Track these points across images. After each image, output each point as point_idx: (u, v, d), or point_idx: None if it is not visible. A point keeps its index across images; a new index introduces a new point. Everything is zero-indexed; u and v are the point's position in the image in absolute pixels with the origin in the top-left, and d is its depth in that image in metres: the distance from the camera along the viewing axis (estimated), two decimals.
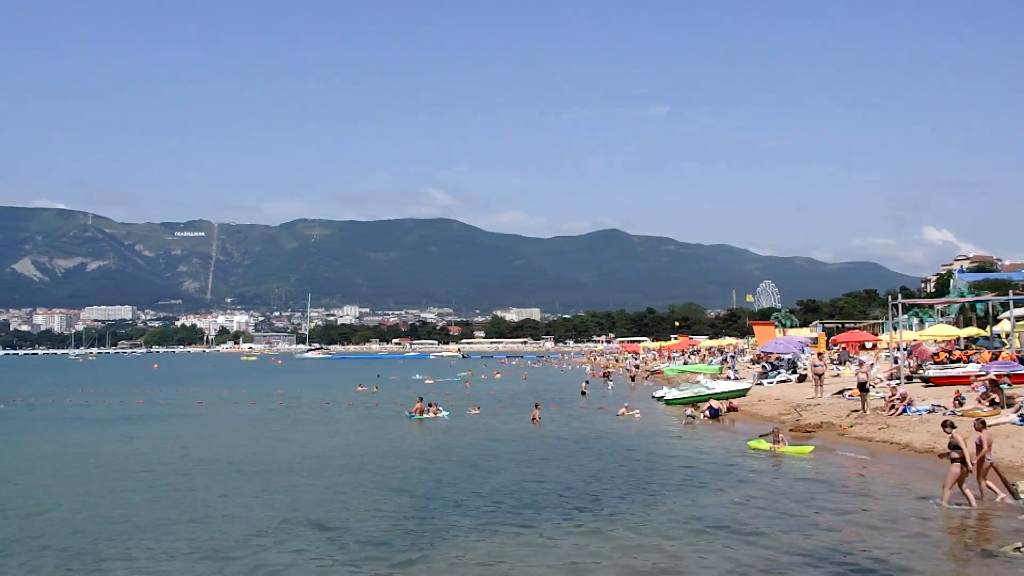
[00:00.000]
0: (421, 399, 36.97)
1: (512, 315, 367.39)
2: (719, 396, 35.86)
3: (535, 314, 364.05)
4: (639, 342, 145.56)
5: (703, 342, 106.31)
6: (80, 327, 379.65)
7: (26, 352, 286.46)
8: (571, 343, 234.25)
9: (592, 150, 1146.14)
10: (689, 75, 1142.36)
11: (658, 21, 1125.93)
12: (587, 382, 54.40)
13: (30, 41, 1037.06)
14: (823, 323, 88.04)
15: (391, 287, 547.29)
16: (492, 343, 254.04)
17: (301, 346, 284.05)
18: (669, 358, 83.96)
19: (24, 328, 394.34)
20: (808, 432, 26.23)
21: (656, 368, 71.60)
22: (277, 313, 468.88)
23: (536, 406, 34.40)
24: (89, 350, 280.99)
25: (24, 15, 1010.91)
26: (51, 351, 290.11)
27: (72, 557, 12.93)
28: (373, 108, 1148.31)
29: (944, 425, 15.60)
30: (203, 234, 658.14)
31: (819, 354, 48.51)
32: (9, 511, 16.50)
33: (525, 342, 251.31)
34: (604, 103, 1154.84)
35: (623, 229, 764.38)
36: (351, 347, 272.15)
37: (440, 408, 35.83)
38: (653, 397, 42.48)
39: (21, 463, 23.40)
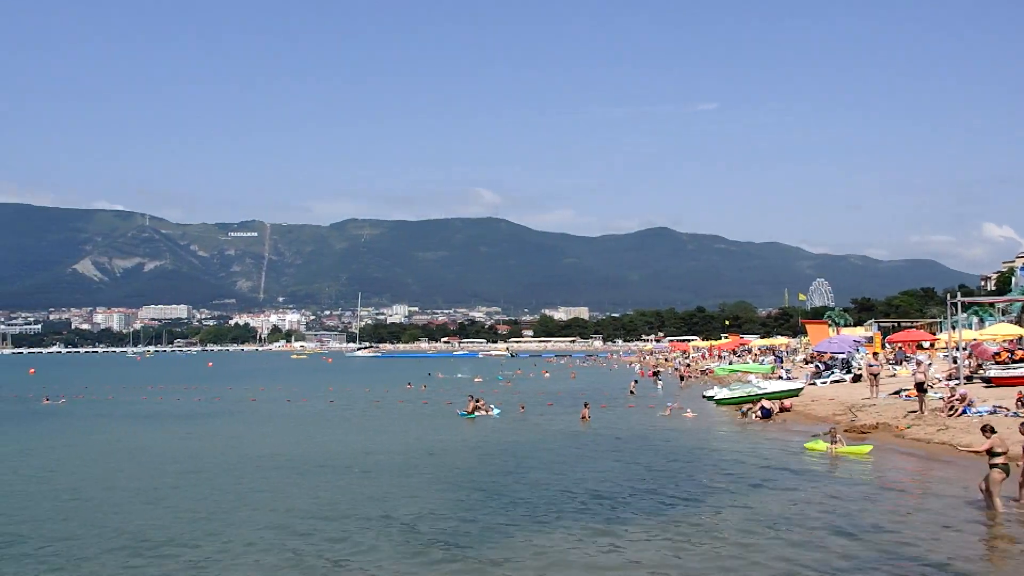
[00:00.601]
0: (472, 396, 37.27)
1: (560, 314, 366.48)
2: (771, 396, 35.39)
3: (583, 313, 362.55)
4: (689, 341, 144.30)
5: (754, 341, 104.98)
6: (138, 326, 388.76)
7: (87, 350, 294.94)
8: (620, 342, 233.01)
9: (640, 148, 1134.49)
10: (738, 71, 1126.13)
11: (706, 17, 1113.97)
12: (636, 381, 54.08)
13: (88, 48, 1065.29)
14: (878, 322, 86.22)
15: (440, 286, 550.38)
16: (540, 342, 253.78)
17: (352, 345, 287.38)
18: (719, 357, 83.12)
19: (85, 327, 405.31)
20: (864, 433, 25.75)
21: (707, 367, 70.96)
22: (328, 312, 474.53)
23: (585, 405, 34.43)
24: (146, 348, 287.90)
25: (77, 18, 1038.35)
26: (110, 349, 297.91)
27: (136, 551, 13.25)
28: (421, 108, 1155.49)
29: (983, 429, 15.18)
30: (256, 234, 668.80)
31: (874, 354, 47.65)
32: (75, 505, 17.00)
33: (574, 341, 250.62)
34: (652, 100, 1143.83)
35: (672, 227, 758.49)
36: (401, 346, 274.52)
37: (491, 407, 36.01)
38: (703, 396, 42.10)
39: (87, 459, 24.06)
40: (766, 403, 33.01)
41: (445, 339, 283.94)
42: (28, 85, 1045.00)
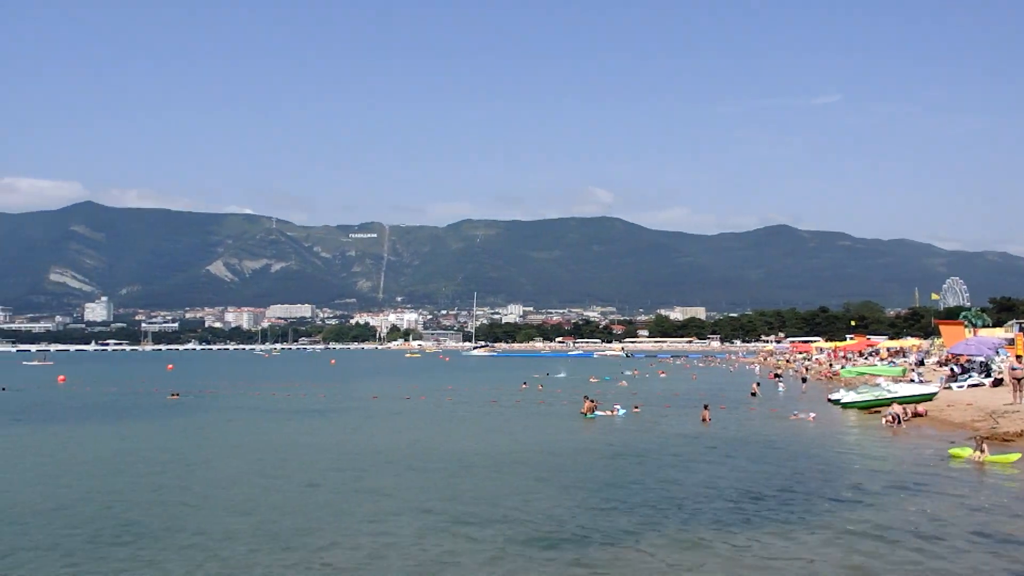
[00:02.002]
0: (587, 396, 37.29)
1: (676, 314, 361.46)
2: (903, 400, 33.89)
3: (700, 313, 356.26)
4: (811, 342, 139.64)
5: (882, 342, 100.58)
6: (265, 324, 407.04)
7: (219, 348, 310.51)
8: (738, 342, 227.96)
9: (759, 143, 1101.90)
10: (862, 60, 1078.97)
11: (828, 5, 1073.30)
12: (758, 383, 52.78)
13: (219, 63, 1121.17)
14: (1020, 323, 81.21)
15: (554, 286, 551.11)
16: (656, 342, 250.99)
17: (468, 344, 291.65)
18: (845, 359, 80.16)
19: (217, 325, 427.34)
20: (1007, 441, 24.33)
21: (832, 369, 68.58)
22: (444, 311, 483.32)
23: (705, 407, 33.89)
24: (273, 346, 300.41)
25: (208, 34, 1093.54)
26: (240, 347, 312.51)
27: (265, 539, 13.87)
28: (535, 107, 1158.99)
29: None
30: (375, 236, 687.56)
31: (1017, 356, 44.88)
32: (206, 496, 17.91)
33: (690, 341, 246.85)
34: (770, 93, 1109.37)
35: (793, 224, 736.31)
36: (515, 345, 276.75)
37: (616, 407, 35.99)
38: (829, 400, 40.75)
39: (221, 452, 25.30)
40: (897, 408, 31.64)
41: (560, 339, 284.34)
42: (167, 100, 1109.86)
